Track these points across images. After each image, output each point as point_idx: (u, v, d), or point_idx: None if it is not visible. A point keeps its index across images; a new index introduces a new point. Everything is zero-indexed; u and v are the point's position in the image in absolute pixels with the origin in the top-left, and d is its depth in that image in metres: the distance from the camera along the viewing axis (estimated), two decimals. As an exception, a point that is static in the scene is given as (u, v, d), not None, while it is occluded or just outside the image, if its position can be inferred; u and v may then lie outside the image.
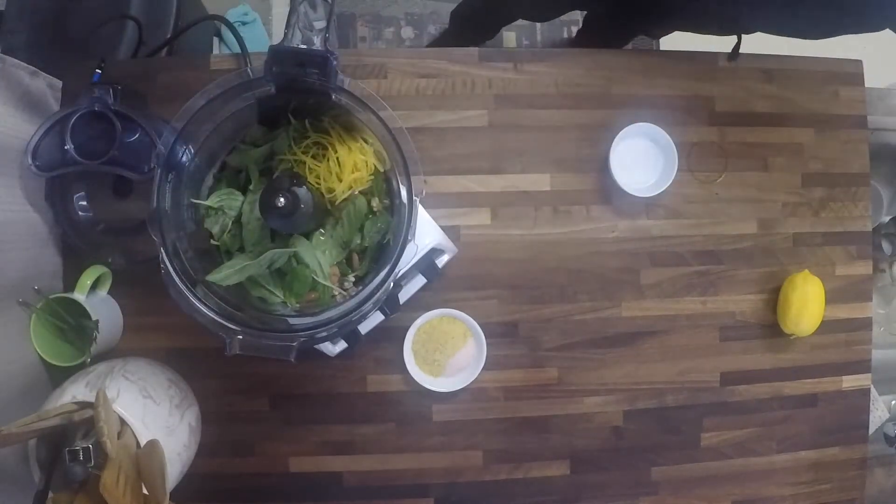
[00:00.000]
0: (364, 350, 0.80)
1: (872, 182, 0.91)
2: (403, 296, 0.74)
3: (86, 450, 0.55)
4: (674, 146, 0.80)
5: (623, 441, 0.85)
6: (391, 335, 0.79)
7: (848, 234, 0.88)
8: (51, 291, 0.74)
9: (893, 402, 0.98)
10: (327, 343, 0.72)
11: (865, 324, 0.88)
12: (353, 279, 0.65)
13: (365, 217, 0.64)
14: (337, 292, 0.63)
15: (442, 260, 0.74)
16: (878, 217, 0.97)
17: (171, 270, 0.54)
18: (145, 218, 0.54)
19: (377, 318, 0.72)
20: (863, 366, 0.88)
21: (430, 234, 0.69)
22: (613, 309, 0.84)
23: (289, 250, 0.60)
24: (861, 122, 0.88)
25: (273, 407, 0.81)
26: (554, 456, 0.84)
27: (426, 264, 0.72)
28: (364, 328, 0.73)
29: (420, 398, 0.81)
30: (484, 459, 0.83)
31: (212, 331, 0.55)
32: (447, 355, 0.80)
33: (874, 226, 0.92)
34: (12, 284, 0.69)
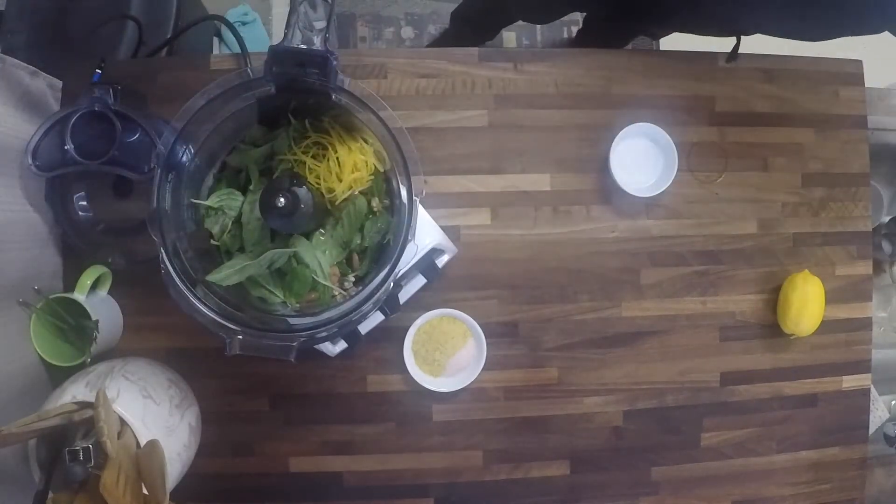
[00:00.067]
0: (364, 350, 0.80)
1: (872, 182, 0.91)
2: (403, 296, 0.74)
3: (86, 450, 0.55)
4: (674, 146, 0.80)
5: (623, 441, 0.85)
6: (391, 335, 0.79)
7: (848, 234, 0.88)
8: (51, 291, 0.74)
9: (893, 402, 0.98)
10: (327, 343, 0.72)
11: (865, 324, 0.88)
12: (353, 279, 0.65)
13: (365, 217, 0.64)
14: (337, 292, 0.63)
15: (442, 260, 0.74)
16: (878, 217, 0.97)
17: (171, 270, 0.54)
18: (145, 218, 0.54)
19: (377, 318, 0.72)
20: (863, 366, 0.88)
21: (430, 234, 0.69)
22: (613, 309, 0.84)
23: (289, 250, 0.60)
24: (861, 122, 0.88)
25: (273, 407, 0.81)
26: (554, 456, 0.84)
27: (426, 264, 0.72)
28: (364, 328, 0.73)
29: (420, 398, 0.81)
30: (484, 459, 0.83)
31: (212, 331, 0.55)
32: (447, 355, 0.80)
33: (874, 226, 0.92)
34: (12, 284, 0.69)
